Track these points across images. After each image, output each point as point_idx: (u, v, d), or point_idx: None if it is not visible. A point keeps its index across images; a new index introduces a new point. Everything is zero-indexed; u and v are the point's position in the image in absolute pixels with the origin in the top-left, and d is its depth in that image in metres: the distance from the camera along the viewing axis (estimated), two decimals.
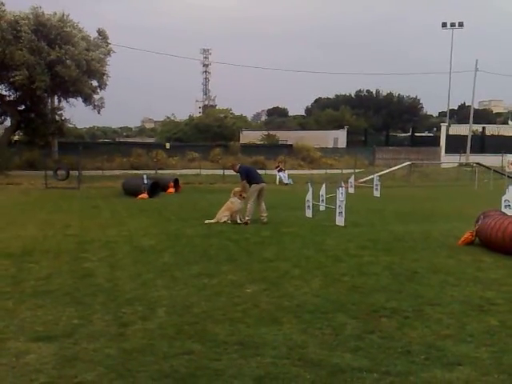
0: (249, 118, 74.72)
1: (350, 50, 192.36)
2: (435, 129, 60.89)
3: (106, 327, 4.81)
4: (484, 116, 69.93)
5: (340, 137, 47.73)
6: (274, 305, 5.53)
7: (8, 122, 29.50)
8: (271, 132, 49.04)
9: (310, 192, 12.75)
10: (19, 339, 4.50)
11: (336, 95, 78.17)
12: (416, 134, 51.59)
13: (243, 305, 5.51)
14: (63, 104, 29.90)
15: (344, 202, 11.32)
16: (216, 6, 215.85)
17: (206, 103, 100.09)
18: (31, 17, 25.29)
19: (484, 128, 47.58)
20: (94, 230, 10.44)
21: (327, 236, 9.92)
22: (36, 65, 24.44)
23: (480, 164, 28.53)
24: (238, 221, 11.53)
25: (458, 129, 47.02)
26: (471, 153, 40.72)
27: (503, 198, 11.48)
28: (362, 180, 24.89)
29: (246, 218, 11.48)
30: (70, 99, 28.71)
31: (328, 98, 78.07)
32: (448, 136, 44.33)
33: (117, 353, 4.21)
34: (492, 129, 49.25)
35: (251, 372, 3.88)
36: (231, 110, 58.64)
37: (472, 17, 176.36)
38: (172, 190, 19.95)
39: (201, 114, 71.15)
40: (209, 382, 3.74)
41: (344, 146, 44.89)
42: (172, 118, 60.01)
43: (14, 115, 28.16)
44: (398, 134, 56.16)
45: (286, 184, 25.61)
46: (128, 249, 8.55)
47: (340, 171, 27.73)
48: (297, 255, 8.09)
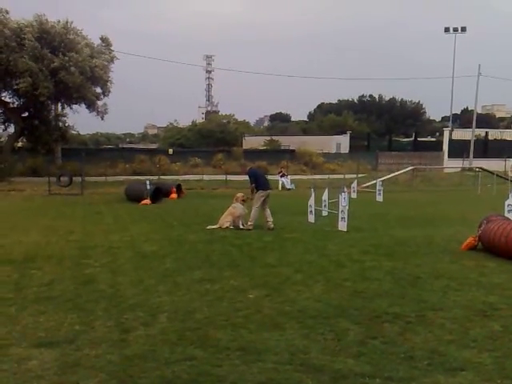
0: (251, 124, 74.81)
1: (353, 55, 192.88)
2: (438, 133, 60.95)
3: (108, 333, 4.81)
4: (487, 120, 69.75)
5: (343, 142, 47.76)
6: (276, 310, 5.52)
7: (12, 129, 29.58)
8: (274, 137, 49.10)
9: (313, 197, 12.75)
10: (21, 345, 4.51)
11: (339, 100, 78.42)
12: (419, 139, 51.53)
13: (245, 310, 5.50)
14: (67, 111, 30.09)
15: (346, 207, 11.32)
16: (219, 13, 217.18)
17: (209, 109, 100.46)
18: (35, 24, 25.47)
19: (487, 132, 47.59)
20: (97, 236, 10.46)
21: (329, 241, 9.91)
22: (39, 72, 24.57)
23: (483, 168, 28.44)
24: (241, 226, 11.53)
25: (461, 133, 47.00)
26: (474, 157, 40.66)
27: (506, 203, 11.43)
28: (365, 185, 24.87)
29: (249, 223, 11.49)
30: (74, 106, 28.84)
31: (331, 103, 78.18)
32: (451, 141, 44.31)
33: (118, 359, 4.21)
34: (495, 133, 49.31)
35: (253, 378, 3.87)
36: (234, 116, 58.80)
37: (475, 21, 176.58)
38: (174, 196, 19.98)
39: (203, 120, 71.24)
40: None
41: (347, 151, 44.90)
42: (175, 124, 60.09)
43: (18, 122, 28.29)
44: (401, 139, 56.15)
45: (289, 189, 25.61)
46: (130, 254, 8.56)
47: (342, 176, 27.70)
48: (299, 260, 8.09)
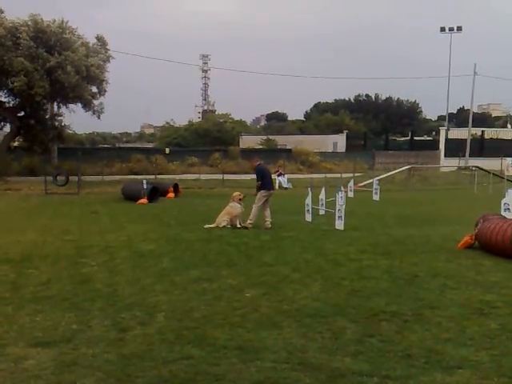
0: (248, 123, 74.69)
1: (349, 55, 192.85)
2: (434, 132, 60.99)
3: (105, 332, 4.80)
4: (483, 119, 69.98)
5: (339, 141, 47.80)
6: (274, 309, 5.52)
7: (7, 128, 29.47)
8: (270, 136, 49.10)
9: (310, 196, 12.76)
10: (18, 345, 4.49)
11: (335, 99, 78.35)
12: (415, 138, 51.68)
13: (243, 309, 5.50)
14: (63, 110, 29.88)
15: (343, 206, 11.33)
16: (215, 12, 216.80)
17: (206, 108, 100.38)
18: (30, 23, 25.34)
19: (483, 131, 47.73)
20: (94, 236, 10.43)
21: (327, 240, 9.91)
22: (35, 71, 24.45)
23: (479, 167, 28.53)
24: (238, 225, 11.52)
25: (457, 132, 47.18)
26: (470, 156, 40.79)
27: (502, 202, 11.47)
28: (362, 184, 24.90)
29: (249, 222, 11.45)
30: (70, 105, 28.64)
31: (327, 103, 78.11)
32: (447, 140, 44.43)
33: (116, 358, 4.20)
34: (491, 132, 49.42)
35: (251, 377, 3.87)
36: (230, 115, 58.79)
37: (470, 21, 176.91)
38: (171, 195, 19.97)
39: (200, 119, 71.22)
40: None
41: (343, 150, 44.95)
42: (171, 124, 59.97)
43: (14, 121, 28.16)
44: (398, 138, 56.26)
45: (286, 188, 25.61)
46: (127, 254, 8.54)
47: (339, 175, 27.71)
48: (296, 259, 8.09)
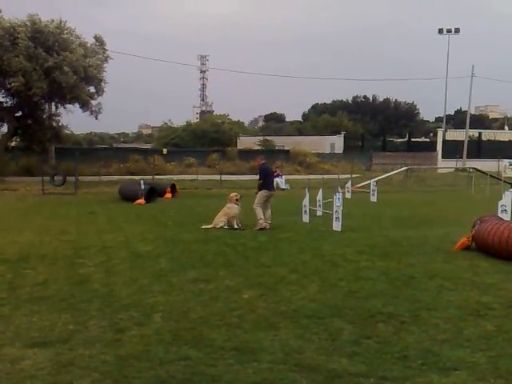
0: (246, 124, 74.79)
1: (347, 56, 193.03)
2: (432, 134, 61.13)
3: (102, 333, 4.80)
4: (480, 121, 70.21)
5: (337, 142, 47.87)
6: (271, 310, 5.52)
7: (5, 128, 29.46)
8: (268, 137, 49.12)
9: (307, 197, 12.76)
10: (15, 345, 4.48)
11: (333, 101, 78.46)
12: (413, 140, 51.74)
13: (240, 310, 5.50)
14: (60, 110, 29.92)
15: (341, 207, 11.34)
16: (213, 13, 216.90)
17: (204, 109, 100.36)
18: (28, 24, 25.32)
19: (480, 133, 47.90)
20: (91, 236, 10.42)
21: (324, 241, 9.92)
22: (33, 71, 24.44)
23: (476, 169, 28.57)
24: (235, 226, 11.52)
25: (455, 134, 47.30)
26: (468, 158, 40.88)
27: (499, 203, 11.49)
28: (359, 185, 24.90)
29: (260, 222, 11.39)
30: (68, 105, 28.68)
31: (325, 104, 78.24)
32: (444, 141, 44.56)
33: (113, 359, 4.20)
34: (488, 134, 49.59)
35: (248, 378, 3.87)
36: (228, 116, 58.71)
37: (468, 22, 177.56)
38: (169, 196, 19.96)
39: (198, 120, 71.11)
40: None
41: (341, 152, 45.01)
42: (169, 124, 59.88)
43: (11, 121, 28.13)
44: (395, 140, 56.30)
45: (283, 189, 25.58)
46: (124, 254, 8.53)
47: (337, 176, 27.71)
48: (294, 260, 8.09)
